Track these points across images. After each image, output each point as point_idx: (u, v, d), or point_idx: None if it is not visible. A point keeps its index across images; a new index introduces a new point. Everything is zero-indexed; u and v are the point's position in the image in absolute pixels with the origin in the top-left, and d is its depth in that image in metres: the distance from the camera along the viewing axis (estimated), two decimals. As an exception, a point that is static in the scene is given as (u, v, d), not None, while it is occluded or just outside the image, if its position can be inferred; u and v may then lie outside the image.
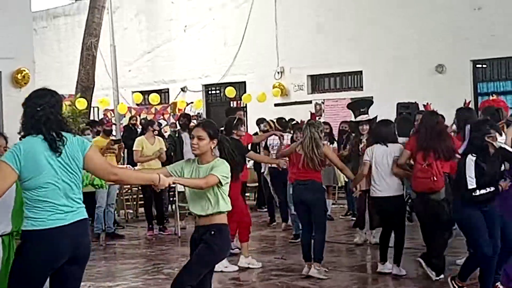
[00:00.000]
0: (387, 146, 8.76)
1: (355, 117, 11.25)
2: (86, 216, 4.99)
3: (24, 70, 15.79)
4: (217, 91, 23.12)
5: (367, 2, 19.20)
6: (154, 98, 20.35)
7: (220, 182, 5.64)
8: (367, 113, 11.27)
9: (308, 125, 9.07)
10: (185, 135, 13.85)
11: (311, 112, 10.88)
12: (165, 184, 5.23)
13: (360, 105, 11.37)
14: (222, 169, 5.70)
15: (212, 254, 5.71)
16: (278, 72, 20.96)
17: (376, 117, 10.65)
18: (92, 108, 20.90)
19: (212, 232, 5.70)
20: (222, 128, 9.81)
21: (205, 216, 5.73)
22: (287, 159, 9.57)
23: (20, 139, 4.93)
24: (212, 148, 5.85)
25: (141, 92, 23.92)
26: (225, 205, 5.78)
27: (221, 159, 5.84)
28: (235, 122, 10.08)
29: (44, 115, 4.88)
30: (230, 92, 20.58)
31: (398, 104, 14.93)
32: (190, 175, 5.83)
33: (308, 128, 9.00)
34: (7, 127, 15.50)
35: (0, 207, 5.29)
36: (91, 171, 5.08)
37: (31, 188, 4.78)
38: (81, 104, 18.80)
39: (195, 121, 16.55)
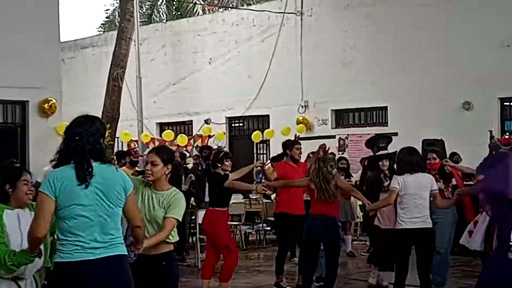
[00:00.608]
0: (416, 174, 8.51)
1: (374, 153, 11.18)
2: (121, 253, 4.79)
3: (51, 100, 15.92)
4: (241, 124, 23.17)
5: (393, 37, 19.21)
6: (181, 140, 20.34)
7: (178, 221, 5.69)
8: (387, 149, 11.22)
9: (318, 160, 9.11)
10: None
11: (320, 146, 10.82)
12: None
13: (379, 141, 11.31)
14: (180, 208, 5.72)
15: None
16: (302, 106, 20.97)
17: (396, 152, 10.53)
18: (116, 139, 20.99)
19: (164, 263, 5.72)
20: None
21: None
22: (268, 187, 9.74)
23: (53, 167, 4.81)
24: (166, 173, 5.83)
25: (165, 123, 24.07)
26: (175, 236, 5.81)
27: (177, 190, 5.81)
28: (220, 156, 10.11)
29: (80, 145, 4.69)
30: (256, 136, 20.55)
31: (423, 140, 14.86)
32: (142, 202, 5.79)
33: (317, 163, 9.04)
34: (33, 156, 15.64)
35: None
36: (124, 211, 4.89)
37: (63, 217, 4.65)
38: (109, 137, 18.92)
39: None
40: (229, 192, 9.91)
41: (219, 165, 9.90)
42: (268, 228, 16.67)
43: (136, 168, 13.67)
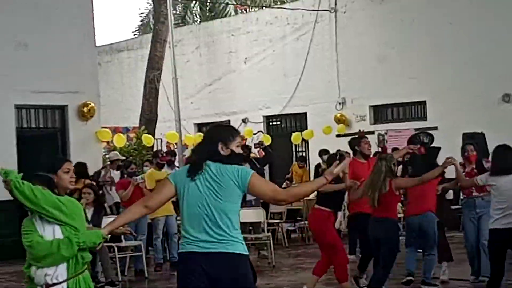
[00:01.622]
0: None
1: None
2: (234, 251, 4.81)
3: (90, 104, 16.05)
4: (278, 122, 23.14)
5: (428, 31, 19.04)
6: None
7: None
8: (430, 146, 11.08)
9: (380, 160, 8.91)
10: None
11: (360, 133, 10.67)
12: None
13: (423, 137, 11.15)
14: None
15: None
16: (340, 103, 20.88)
17: (439, 148, 10.38)
18: (155, 140, 21.09)
19: None
20: None
21: None
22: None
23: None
24: None
25: (202, 124, 24.13)
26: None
27: None
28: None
29: (198, 146, 5.12)
30: (296, 138, 20.52)
31: (463, 134, 14.71)
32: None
33: (379, 162, 8.83)
34: (74, 159, 15.71)
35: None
36: (256, 194, 5.13)
37: (181, 208, 4.93)
38: (148, 140, 18.97)
39: (256, 151, 16.53)
40: (340, 194, 9.71)
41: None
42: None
43: (173, 170, 13.65)
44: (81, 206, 5.16)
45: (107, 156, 18.02)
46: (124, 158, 14.36)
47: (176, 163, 17.29)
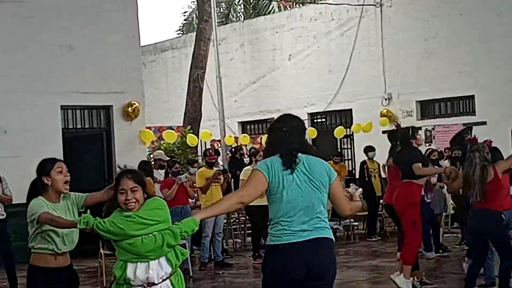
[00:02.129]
0: None
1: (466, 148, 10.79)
2: (328, 236, 4.98)
3: (134, 104, 16.08)
4: (323, 119, 22.97)
5: (476, 25, 18.70)
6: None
7: None
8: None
9: (472, 151, 8.50)
10: None
11: (396, 123, 10.48)
12: None
13: (464, 135, 10.93)
14: None
15: None
16: (386, 99, 20.64)
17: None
18: (199, 140, 21.10)
19: None
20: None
21: None
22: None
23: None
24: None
25: (246, 122, 24.09)
26: None
27: None
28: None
29: (286, 137, 5.01)
30: (339, 132, 20.37)
31: (514, 129, 14.42)
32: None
33: (472, 154, 8.47)
34: (119, 159, 15.82)
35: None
36: (332, 199, 5.11)
37: (273, 202, 4.93)
38: (192, 140, 18.97)
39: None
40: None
41: (413, 140, 9.77)
42: (356, 224, 16.49)
43: (218, 168, 13.68)
44: (163, 201, 4.99)
45: (151, 155, 18.07)
46: (168, 158, 14.37)
47: (220, 161, 17.24)
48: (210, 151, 15.43)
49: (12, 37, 14.61)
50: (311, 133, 20.44)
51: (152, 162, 15.83)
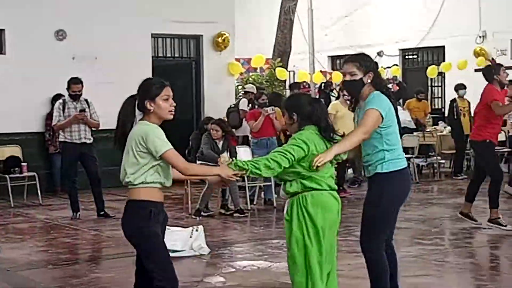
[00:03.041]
0: None
1: None
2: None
3: (224, 34, 16.15)
4: (415, 56, 22.57)
5: None
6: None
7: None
8: None
9: None
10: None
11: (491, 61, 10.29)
12: None
13: None
14: None
15: None
16: (480, 36, 20.09)
17: None
18: (288, 73, 21.08)
19: None
20: None
21: None
22: None
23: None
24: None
25: (336, 56, 23.88)
26: None
27: None
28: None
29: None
30: (432, 72, 19.97)
31: None
32: None
33: None
34: (207, 90, 16.03)
35: None
36: None
37: (386, 134, 5.41)
38: (281, 74, 18.95)
39: (390, 85, 16.23)
40: None
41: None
42: (442, 161, 16.31)
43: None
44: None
45: (239, 87, 18.18)
46: (259, 91, 14.40)
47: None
48: (305, 83, 15.47)
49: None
50: (396, 71, 20.18)
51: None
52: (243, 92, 16.17)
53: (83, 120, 10.88)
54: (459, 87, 16.03)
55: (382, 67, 21.63)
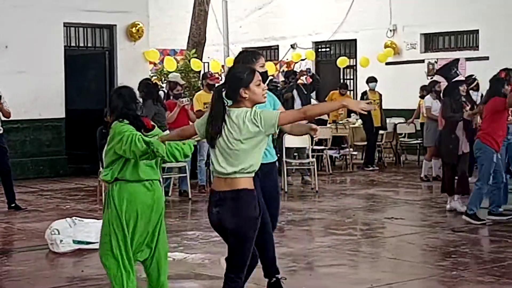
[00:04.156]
0: None
1: (450, 80, 10.83)
2: None
3: (139, 24, 16.00)
4: (327, 49, 22.86)
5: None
6: (270, 68, 20.24)
7: None
8: (459, 73, 10.99)
9: None
10: (295, 92, 14.20)
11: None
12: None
13: (450, 68, 10.97)
14: None
15: None
16: (391, 30, 20.48)
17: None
18: (203, 64, 21.03)
19: None
20: None
21: None
22: None
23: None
24: None
25: (251, 48, 23.94)
26: None
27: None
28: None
29: None
30: (343, 62, 20.26)
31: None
32: None
33: None
34: (121, 80, 15.83)
35: None
36: None
37: None
38: (196, 65, 18.87)
39: (303, 78, 16.37)
40: None
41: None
42: (355, 153, 16.60)
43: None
44: None
45: (154, 77, 18.02)
46: (183, 83, 14.15)
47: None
48: (212, 72, 15.35)
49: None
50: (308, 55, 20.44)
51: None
52: (166, 82, 15.92)
53: (1, 106, 10.51)
54: (370, 80, 16.37)
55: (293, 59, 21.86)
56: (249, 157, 4.70)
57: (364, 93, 16.32)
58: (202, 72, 20.16)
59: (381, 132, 16.21)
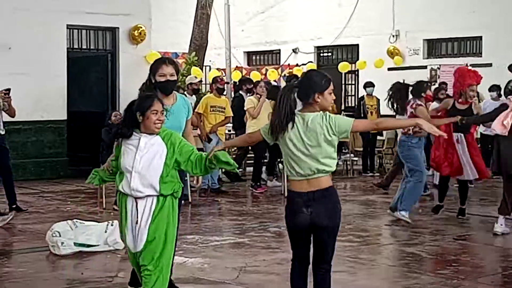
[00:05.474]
0: None
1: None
2: None
3: (141, 27, 16.02)
4: (329, 54, 22.86)
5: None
6: (272, 75, 20.31)
7: None
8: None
9: None
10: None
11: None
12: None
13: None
14: None
15: None
16: (393, 36, 20.50)
17: None
18: (204, 67, 21.05)
19: None
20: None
21: None
22: None
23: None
24: None
25: (252, 52, 23.96)
26: None
27: None
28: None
29: None
30: (344, 67, 20.25)
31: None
32: None
33: None
34: (123, 82, 15.85)
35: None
36: None
37: None
38: (196, 73, 18.85)
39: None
40: None
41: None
42: (355, 159, 16.59)
43: (222, 97, 13.62)
44: None
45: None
46: (199, 80, 14.34)
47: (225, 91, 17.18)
48: (221, 77, 15.41)
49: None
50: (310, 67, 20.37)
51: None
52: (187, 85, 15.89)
53: (9, 100, 10.46)
54: (367, 85, 16.30)
55: (297, 64, 21.88)
56: (326, 157, 4.97)
57: (361, 99, 16.31)
58: (204, 77, 20.21)
59: (382, 138, 16.18)
